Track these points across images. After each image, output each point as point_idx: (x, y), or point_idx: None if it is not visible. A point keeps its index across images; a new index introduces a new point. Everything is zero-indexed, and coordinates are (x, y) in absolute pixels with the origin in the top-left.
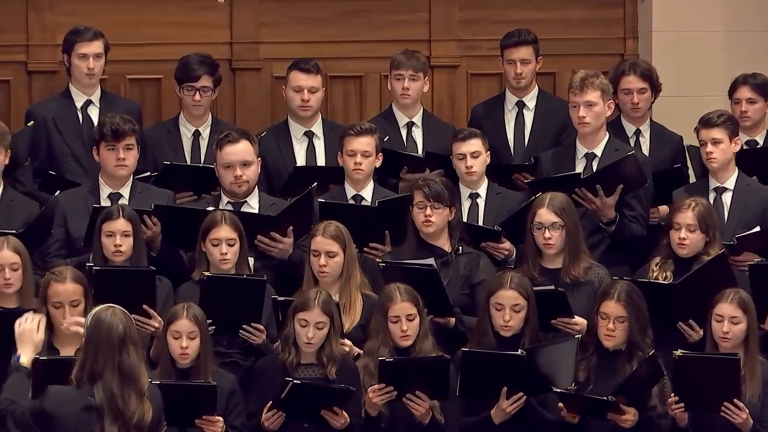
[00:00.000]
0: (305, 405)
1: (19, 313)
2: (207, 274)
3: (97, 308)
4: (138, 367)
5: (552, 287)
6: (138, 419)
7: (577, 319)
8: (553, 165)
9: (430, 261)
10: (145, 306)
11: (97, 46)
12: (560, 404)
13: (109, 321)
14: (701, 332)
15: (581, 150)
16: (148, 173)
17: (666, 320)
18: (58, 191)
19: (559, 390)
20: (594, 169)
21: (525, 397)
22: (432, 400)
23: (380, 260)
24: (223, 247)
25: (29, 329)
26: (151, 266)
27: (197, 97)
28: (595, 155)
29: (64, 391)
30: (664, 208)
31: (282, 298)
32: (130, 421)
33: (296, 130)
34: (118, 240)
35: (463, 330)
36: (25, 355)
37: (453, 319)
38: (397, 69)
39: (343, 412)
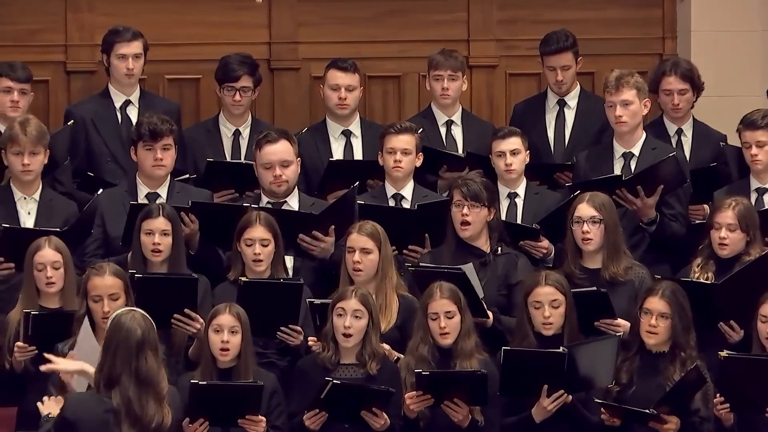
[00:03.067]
0: (345, 405)
1: (63, 313)
2: (243, 279)
3: (118, 311)
4: (157, 372)
5: (594, 288)
6: (156, 424)
7: (620, 320)
8: (589, 165)
9: (469, 266)
10: (187, 309)
11: (136, 47)
12: (602, 409)
13: (128, 325)
14: (742, 333)
15: (619, 149)
16: (187, 176)
17: (707, 320)
18: (101, 190)
19: (601, 401)
20: (632, 169)
21: (566, 395)
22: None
23: (410, 264)
24: (257, 248)
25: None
26: (190, 262)
27: (237, 97)
28: (633, 154)
29: (83, 397)
30: (706, 211)
31: (319, 302)
32: (148, 426)
33: (334, 129)
34: (157, 238)
35: (501, 329)
36: (53, 413)
37: (489, 320)
38: (435, 69)
39: (383, 413)
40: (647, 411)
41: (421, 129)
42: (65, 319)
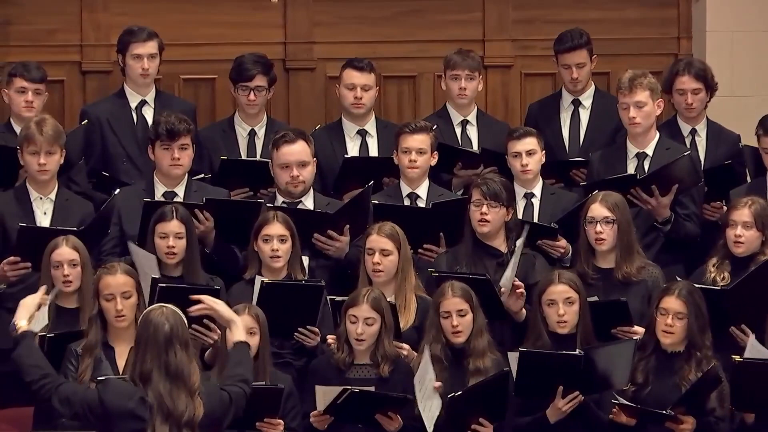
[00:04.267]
0: (360, 410)
1: (73, 333)
2: (265, 280)
3: (149, 308)
4: (187, 365)
5: (614, 299)
6: (188, 417)
7: (637, 328)
8: (603, 165)
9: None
10: (205, 320)
11: (151, 47)
12: (617, 409)
13: (155, 321)
14: (753, 337)
15: (632, 150)
16: (203, 175)
17: (718, 324)
18: (118, 189)
19: (620, 401)
20: (645, 169)
21: (581, 396)
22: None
23: (433, 270)
24: (275, 244)
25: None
26: (206, 261)
27: (252, 96)
28: (646, 155)
29: (124, 386)
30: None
31: (340, 299)
32: (180, 419)
33: (349, 129)
34: (171, 241)
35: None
36: (23, 320)
37: (522, 314)
38: (453, 69)
39: (398, 416)
40: (664, 412)
41: (435, 126)
42: (76, 337)
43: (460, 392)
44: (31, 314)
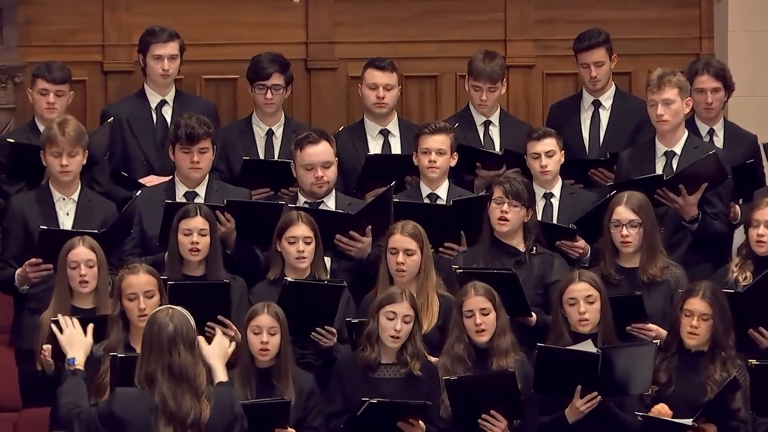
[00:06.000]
0: (382, 420)
1: (88, 319)
2: (289, 279)
3: (156, 309)
4: (192, 366)
5: (628, 293)
6: (194, 418)
7: (651, 326)
8: (631, 164)
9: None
10: (220, 317)
11: (172, 47)
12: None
13: (160, 321)
14: None
15: (660, 148)
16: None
17: (739, 326)
18: (139, 191)
19: (642, 413)
20: (674, 168)
21: (600, 397)
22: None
23: (457, 267)
24: (300, 245)
25: (77, 332)
26: (227, 262)
27: (269, 95)
28: (675, 153)
29: (132, 393)
30: (736, 210)
31: (357, 320)
32: (185, 420)
33: (372, 129)
34: (195, 238)
35: (546, 321)
36: (78, 357)
37: (533, 318)
38: (475, 80)
39: (420, 422)
40: (687, 423)
41: (456, 124)
42: (92, 323)
43: (455, 377)
44: (87, 352)
